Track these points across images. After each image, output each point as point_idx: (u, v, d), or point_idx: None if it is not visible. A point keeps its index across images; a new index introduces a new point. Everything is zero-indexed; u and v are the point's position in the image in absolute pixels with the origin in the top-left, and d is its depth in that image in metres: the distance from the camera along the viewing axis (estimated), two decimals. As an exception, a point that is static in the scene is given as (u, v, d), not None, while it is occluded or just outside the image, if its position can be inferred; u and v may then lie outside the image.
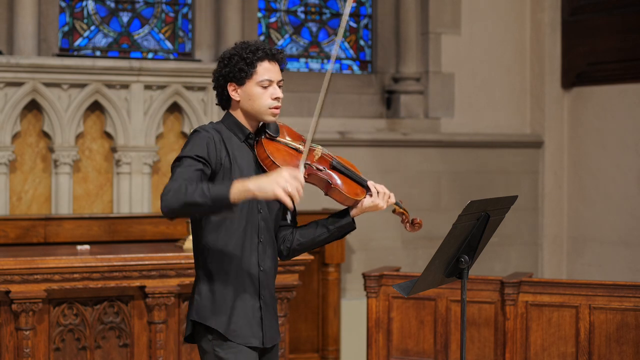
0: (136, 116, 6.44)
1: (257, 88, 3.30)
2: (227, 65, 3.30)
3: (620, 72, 7.55)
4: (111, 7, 7.24)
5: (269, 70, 3.31)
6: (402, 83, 7.83)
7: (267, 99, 3.31)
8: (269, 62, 3.31)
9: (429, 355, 5.39)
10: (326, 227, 3.44)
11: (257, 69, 3.29)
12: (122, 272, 5.00)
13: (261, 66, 3.30)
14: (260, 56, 3.29)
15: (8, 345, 4.87)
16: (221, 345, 3.29)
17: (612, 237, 7.62)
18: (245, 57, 3.28)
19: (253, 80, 3.29)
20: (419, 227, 3.52)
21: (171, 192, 3.05)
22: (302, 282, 5.53)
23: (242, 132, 3.34)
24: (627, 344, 5.03)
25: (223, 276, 3.30)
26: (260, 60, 3.30)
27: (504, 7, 8.03)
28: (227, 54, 3.32)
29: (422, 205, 7.69)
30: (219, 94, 3.37)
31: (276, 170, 3.09)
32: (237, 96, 3.32)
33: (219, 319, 3.29)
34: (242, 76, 3.29)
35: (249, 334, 3.32)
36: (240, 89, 3.31)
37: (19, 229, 5.98)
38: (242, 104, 3.32)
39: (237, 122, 3.35)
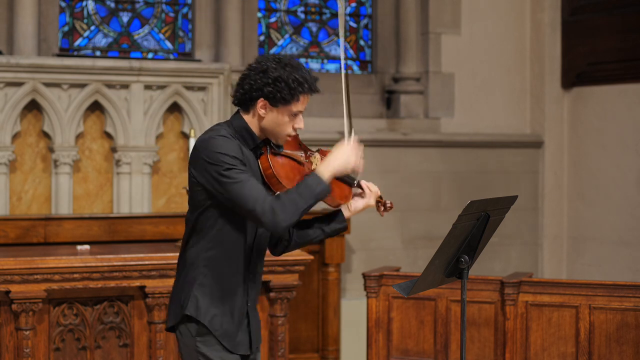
0: (136, 116, 6.44)
1: (287, 117, 3.29)
2: (269, 84, 3.25)
3: (620, 72, 7.55)
4: (111, 7, 7.24)
5: (304, 103, 3.32)
6: (402, 83, 7.83)
7: (289, 127, 3.31)
8: (309, 95, 3.33)
9: (429, 355, 5.39)
10: (321, 229, 3.48)
11: (297, 100, 3.28)
12: (122, 272, 5.00)
13: (301, 98, 3.30)
14: (306, 90, 3.29)
15: (8, 345, 4.87)
16: (205, 342, 3.30)
17: (612, 237, 7.62)
18: (292, 88, 3.25)
19: (287, 109, 3.28)
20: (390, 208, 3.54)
21: (279, 211, 3.15)
22: (302, 282, 5.53)
23: (252, 140, 3.32)
24: (627, 344, 5.03)
25: (223, 280, 3.32)
26: (304, 93, 3.29)
27: (504, 7, 8.03)
28: (274, 74, 3.25)
29: (422, 205, 7.69)
30: (244, 99, 3.32)
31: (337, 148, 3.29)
32: (263, 113, 3.29)
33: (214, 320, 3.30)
34: (280, 102, 3.26)
35: (241, 341, 3.35)
36: (270, 110, 3.28)
37: (19, 229, 5.98)
38: (264, 122, 3.30)
39: (249, 128, 3.32)
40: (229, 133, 3.27)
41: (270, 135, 3.33)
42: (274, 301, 5.26)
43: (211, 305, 3.31)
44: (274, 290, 5.24)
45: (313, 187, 3.19)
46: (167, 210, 6.54)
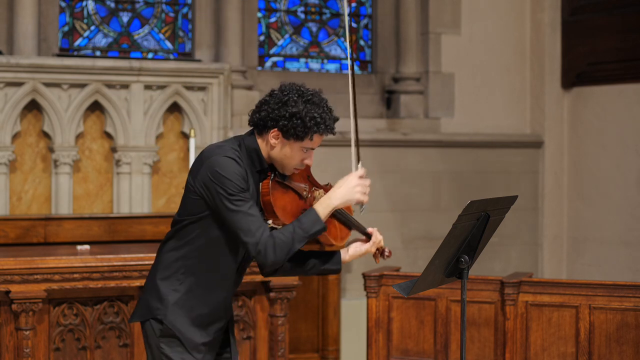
0: (136, 116, 6.44)
1: (298, 152, 3.26)
2: (286, 117, 3.21)
3: (620, 72, 7.55)
4: (111, 7, 7.24)
5: (318, 141, 3.30)
6: (402, 83, 7.83)
7: (298, 161, 3.29)
8: (324, 135, 3.31)
9: (429, 355, 5.39)
10: (316, 265, 3.44)
11: (311, 140, 3.26)
12: (122, 272, 4.99)
13: (315, 139, 3.28)
14: (322, 130, 3.27)
15: (8, 345, 4.87)
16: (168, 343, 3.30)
17: (612, 237, 7.62)
18: (308, 127, 3.22)
19: (299, 144, 3.25)
20: (388, 257, 3.53)
21: (270, 249, 3.14)
22: (302, 282, 5.54)
23: (260, 163, 3.29)
24: (627, 344, 5.03)
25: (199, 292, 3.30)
26: (319, 133, 3.28)
27: (504, 7, 8.03)
28: (293, 109, 3.21)
29: (422, 205, 7.69)
30: (260, 124, 3.27)
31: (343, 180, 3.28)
32: (274, 143, 3.25)
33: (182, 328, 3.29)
34: (293, 137, 3.23)
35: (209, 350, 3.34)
36: (282, 141, 3.24)
37: (19, 229, 5.98)
38: (273, 152, 3.27)
39: (259, 151, 3.28)
40: (238, 154, 3.22)
41: (277, 165, 3.30)
42: (274, 301, 5.26)
43: (180, 311, 3.29)
44: (274, 290, 5.24)
45: (308, 226, 3.18)
46: (167, 210, 6.54)
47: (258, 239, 3.14)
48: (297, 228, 3.17)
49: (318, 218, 3.19)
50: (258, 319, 5.26)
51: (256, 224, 3.15)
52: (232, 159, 3.19)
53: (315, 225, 3.19)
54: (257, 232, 3.14)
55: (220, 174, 3.15)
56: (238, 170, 3.18)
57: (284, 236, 3.16)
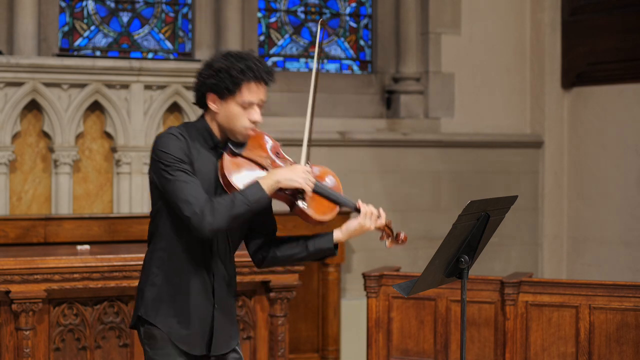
0: (136, 116, 6.44)
1: (237, 108, 3.23)
2: (213, 76, 3.22)
3: (620, 72, 7.55)
4: (111, 7, 7.24)
5: (253, 92, 3.23)
6: (402, 83, 7.83)
7: (244, 120, 3.24)
8: (257, 83, 3.24)
9: (429, 355, 5.39)
10: (305, 247, 3.36)
11: (241, 90, 3.21)
12: (122, 272, 4.99)
13: (247, 88, 3.22)
14: (249, 77, 3.21)
15: (8, 345, 4.87)
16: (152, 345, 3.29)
17: (612, 237, 7.62)
18: (233, 76, 3.20)
19: (234, 100, 3.22)
20: (402, 242, 3.36)
21: (207, 212, 3.09)
22: (302, 282, 5.53)
23: (211, 139, 3.28)
24: (627, 344, 5.03)
25: (176, 280, 3.27)
26: (248, 81, 3.21)
27: (504, 7, 8.03)
28: (217, 65, 3.22)
29: (422, 205, 7.69)
30: (198, 97, 3.30)
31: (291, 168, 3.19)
32: (215, 108, 3.25)
33: (166, 321, 3.27)
34: (225, 93, 3.21)
35: (194, 342, 3.29)
36: (220, 103, 3.24)
37: (19, 229, 5.98)
38: (218, 117, 3.26)
39: (208, 128, 3.28)
40: (181, 132, 3.23)
41: (228, 132, 3.26)
42: (274, 301, 5.26)
43: (160, 305, 3.28)
44: (274, 290, 5.24)
45: (248, 194, 3.12)
46: (167, 210, 6.53)
47: (194, 203, 3.09)
48: (238, 194, 3.12)
49: (261, 188, 3.13)
50: (258, 319, 5.26)
51: (193, 191, 3.12)
52: (170, 134, 3.21)
53: (257, 193, 3.12)
54: (193, 199, 3.10)
55: (158, 149, 3.19)
56: (176, 142, 3.18)
57: (224, 200, 3.11)
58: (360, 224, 3.32)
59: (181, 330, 3.27)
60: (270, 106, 7.45)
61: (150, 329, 3.29)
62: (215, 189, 3.25)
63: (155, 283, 3.29)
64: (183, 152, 3.18)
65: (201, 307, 3.29)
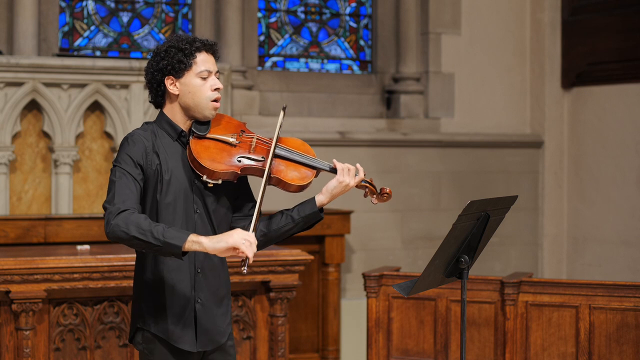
0: (136, 116, 6.44)
1: (197, 79, 3.24)
2: (164, 58, 3.23)
3: (620, 72, 7.55)
4: (111, 7, 7.24)
5: (207, 61, 3.25)
6: (402, 83, 7.83)
7: (207, 90, 3.24)
8: (206, 53, 3.26)
9: (429, 355, 5.39)
10: (291, 217, 3.34)
11: (196, 59, 3.23)
12: (122, 272, 4.99)
13: (199, 57, 3.24)
14: (198, 46, 3.24)
15: (8, 345, 4.87)
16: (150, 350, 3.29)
17: (612, 237, 7.62)
18: (183, 48, 3.22)
19: (192, 72, 3.24)
20: (388, 197, 3.35)
21: (119, 218, 3.03)
22: (302, 282, 5.54)
23: (174, 131, 3.28)
24: (627, 344, 5.03)
25: (158, 280, 3.27)
26: (198, 50, 3.24)
27: (504, 7, 8.04)
28: (163, 47, 3.25)
29: (422, 205, 7.69)
30: (154, 90, 3.30)
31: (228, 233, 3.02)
32: (175, 90, 3.26)
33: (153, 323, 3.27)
34: (182, 68, 3.22)
35: (183, 338, 3.28)
36: (179, 82, 3.25)
37: (19, 229, 5.98)
38: (181, 98, 3.26)
39: (169, 120, 3.29)
40: (145, 130, 3.25)
41: (194, 111, 3.26)
42: (274, 301, 5.26)
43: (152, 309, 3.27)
44: (274, 290, 5.25)
45: (168, 233, 3.00)
46: (167, 210, 6.54)
47: (113, 203, 3.08)
48: (162, 227, 3.02)
49: (182, 239, 2.99)
50: (258, 319, 5.26)
51: (122, 194, 3.10)
52: (132, 134, 3.23)
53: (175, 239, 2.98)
54: (118, 200, 3.08)
55: (119, 150, 3.22)
56: (132, 143, 3.19)
57: (143, 220, 3.03)
58: (339, 181, 3.30)
59: (170, 329, 3.26)
60: (270, 106, 7.46)
61: (147, 336, 3.29)
62: (190, 178, 3.26)
63: (144, 289, 3.29)
64: (140, 152, 3.19)
65: (184, 302, 3.28)
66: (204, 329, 3.31)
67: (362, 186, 3.35)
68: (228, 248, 2.99)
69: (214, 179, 3.23)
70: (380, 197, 3.37)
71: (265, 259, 5.16)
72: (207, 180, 3.23)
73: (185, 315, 3.28)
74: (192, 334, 3.29)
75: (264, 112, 7.39)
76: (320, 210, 3.34)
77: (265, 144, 3.32)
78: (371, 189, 3.36)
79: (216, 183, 3.24)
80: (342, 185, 3.30)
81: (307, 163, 3.32)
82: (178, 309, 3.27)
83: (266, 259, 5.17)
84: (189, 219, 3.27)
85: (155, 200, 3.23)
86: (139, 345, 3.32)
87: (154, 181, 3.23)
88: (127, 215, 3.04)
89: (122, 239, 3.05)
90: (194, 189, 3.27)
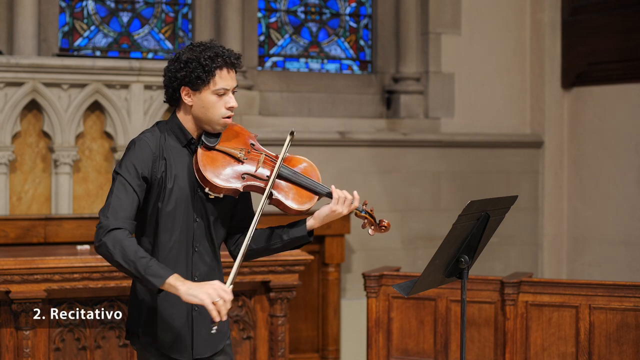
0: (136, 116, 6.44)
1: (212, 96, 3.21)
2: (183, 68, 3.20)
3: (620, 72, 7.55)
4: (111, 7, 7.24)
5: (226, 78, 3.21)
6: (402, 83, 7.83)
7: (221, 107, 3.22)
8: (227, 70, 3.22)
9: (429, 355, 5.39)
10: (280, 236, 3.35)
11: (215, 77, 3.20)
12: (122, 272, 4.99)
13: (219, 75, 3.20)
14: (219, 64, 3.20)
15: (8, 345, 4.87)
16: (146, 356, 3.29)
17: (612, 237, 7.62)
18: (204, 65, 3.18)
19: (209, 89, 3.20)
20: (385, 229, 3.35)
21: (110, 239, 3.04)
22: (302, 282, 5.53)
23: (184, 137, 3.28)
24: (627, 344, 5.03)
25: None
26: (219, 68, 3.20)
27: (504, 7, 8.04)
28: (185, 57, 3.21)
29: (422, 205, 7.69)
30: (169, 93, 3.29)
31: (208, 283, 3.02)
32: (190, 101, 3.24)
33: (149, 329, 3.26)
34: (199, 83, 3.20)
35: (178, 347, 3.27)
36: (195, 95, 3.22)
37: (19, 229, 5.98)
38: (194, 110, 3.24)
39: (181, 126, 3.28)
40: (154, 134, 3.25)
41: (205, 123, 3.25)
42: (274, 301, 5.26)
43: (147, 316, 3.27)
44: (274, 290, 5.25)
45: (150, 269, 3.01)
46: (167, 210, 6.54)
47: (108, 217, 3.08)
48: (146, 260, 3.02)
49: (162, 280, 3.01)
50: (258, 319, 5.26)
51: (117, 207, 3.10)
52: (141, 139, 3.24)
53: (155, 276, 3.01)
54: (113, 214, 3.08)
55: (125, 154, 3.22)
56: (140, 151, 3.20)
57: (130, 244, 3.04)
58: (331, 209, 3.30)
59: (165, 337, 3.26)
60: (270, 106, 7.46)
61: (142, 341, 3.29)
62: (192, 187, 3.25)
63: (140, 294, 3.29)
64: (147, 161, 3.18)
65: (180, 310, 3.27)
66: (201, 337, 3.30)
67: (361, 216, 3.35)
68: (202, 304, 2.99)
69: (216, 192, 3.24)
70: (378, 229, 3.36)
71: (265, 259, 5.15)
72: (208, 192, 3.24)
73: (182, 324, 3.28)
74: (188, 343, 3.29)
75: (263, 112, 7.39)
76: (309, 234, 3.35)
77: (272, 161, 3.31)
78: (370, 220, 3.35)
79: (217, 196, 3.25)
80: (335, 214, 3.30)
81: (309, 187, 3.31)
82: (174, 318, 3.27)
83: (266, 259, 5.17)
84: (189, 227, 3.27)
85: (156, 207, 3.23)
86: (136, 346, 3.33)
87: (157, 189, 3.22)
88: (117, 237, 3.05)
89: (107, 258, 3.07)
90: (196, 197, 3.27)
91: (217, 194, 3.24)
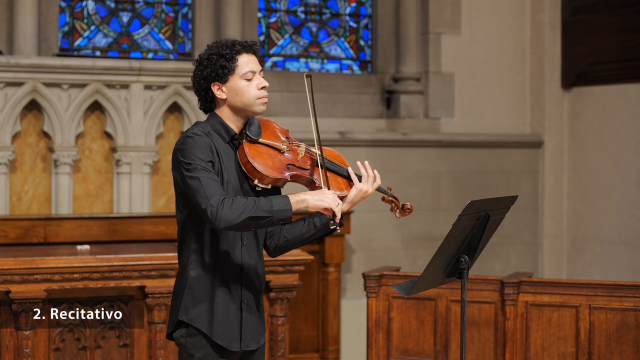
0: (136, 116, 6.44)
1: (242, 81, 3.31)
2: (207, 66, 3.31)
3: (620, 72, 7.55)
4: (111, 7, 7.24)
5: (249, 62, 3.32)
6: (402, 83, 7.83)
7: (254, 90, 3.32)
8: (247, 54, 3.33)
9: (429, 355, 5.39)
10: (313, 224, 3.44)
11: (238, 62, 3.30)
12: (122, 272, 5.00)
13: (241, 59, 3.31)
14: (238, 49, 3.31)
15: (8, 345, 4.87)
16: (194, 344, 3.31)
17: (612, 237, 7.62)
18: (224, 54, 3.29)
19: (236, 75, 3.30)
20: (409, 212, 3.54)
21: (227, 205, 3.11)
22: (302, 282, 5.53)
23: (227, 133, 3.34)
24: (627, 344, 5.03)
25: (207, 278, 3.32)
26: (239, 53, 3.31)
27: (504, 7, 8.04)
28: (205, 55, 3.33)
29: (422, 205, 7.69)
30: (202, 97, 3.37)
31: (321, 192, 3.24)
32: (223, 94, 3.32)
33: (203, 320, 3.30)
34: (225, 73, 3.29)
35: (229, 337, 3.33)
36: (225, 86, 3.31)
37: (19, 229, 5.98)
38: (229, 101, 3.33)
39: (223, 122, 3.35)
40: (203, 130, 3.29)
41: (242, 111, 3.33)
42: (274, 301, 5.26)
43: (199, 306, 3.30)
44: (274, 290, 5.25)
45: (274, 202, 3.16)
46: (167, 210, 6.55)
47: (211, 197, 3.13)
48: (264, 200, 3.16)
49: (288, 202, 3.17)
50: (258, 319, 5.25)
51: (212, 187, 3.15)
52: (194, 134, 3.26)
53: (282, 204, 3.16)
54: (212, 194, 3.14)
55: (180, 148, 3.24)
56: (199, 140, 3.23)
57: (246, 200, 3.14)
58: (358, 189, 3.44)
59: (218, 327, 3.31)
60: (270, 106, 7.45)
61: (191, 332, 3.31)
62: (240, 181, 3.31)
63: (192, 286, 3.33)
64: (208, 149, 3.24)
65: (232, 302, 3.34)
66: (248, 329, 3.38)
67: (388, 200, 3.55)
68: (325, 208, 3.20)
69: (264, 183, 3.32)
70: (402, 212, 3.57)
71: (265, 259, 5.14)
72: (257, 184, 3.31)
73: (232, 314, 3.34)
74: (237, 334, 3.35)
75: (264, 113, 7.38)
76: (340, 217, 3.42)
77: (312, 153, 3.45)
78: (397, 203, 3.55)
79: (265, 187, 3.32)
80: (362, 192, 3.46)
81: (345, 175, 3.47)
82: (226, 308, 3.32)
83: (266, 259, 5.16)
84: None
85: None
86: (182, 339, 3.34)
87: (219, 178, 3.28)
88: (228, 204, 3.12)
89: (233, 225, 3.12)
90: (243, 190, 3.34)
91: (265, 185, 3.32)
